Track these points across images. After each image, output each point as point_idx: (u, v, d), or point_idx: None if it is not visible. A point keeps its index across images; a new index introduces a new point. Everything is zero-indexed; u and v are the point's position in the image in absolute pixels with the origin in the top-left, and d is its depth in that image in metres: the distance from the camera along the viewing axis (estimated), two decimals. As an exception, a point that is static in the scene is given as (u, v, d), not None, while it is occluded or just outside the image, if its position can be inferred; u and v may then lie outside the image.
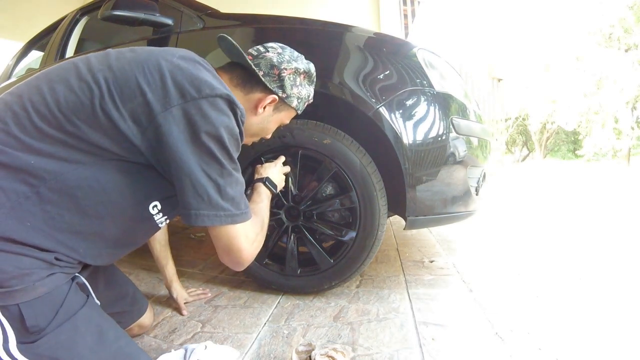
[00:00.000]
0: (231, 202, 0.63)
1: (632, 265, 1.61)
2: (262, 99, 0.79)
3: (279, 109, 0.84)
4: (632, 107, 15.63)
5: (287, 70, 0.79)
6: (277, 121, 0.87)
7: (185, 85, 0.60)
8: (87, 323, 0.62)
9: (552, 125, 20.78)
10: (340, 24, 1.20)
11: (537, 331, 0.99)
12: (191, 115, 0.59)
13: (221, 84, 0.64)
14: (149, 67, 0.61)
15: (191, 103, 0.59)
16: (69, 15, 1.98)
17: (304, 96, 0.86)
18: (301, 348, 0.87)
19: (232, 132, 0.63)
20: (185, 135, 0.59)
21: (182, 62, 0.63)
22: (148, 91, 0.59)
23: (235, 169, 0.65)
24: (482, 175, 1.43)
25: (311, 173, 1.18)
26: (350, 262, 1.17)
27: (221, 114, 0.61)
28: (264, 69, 0.78)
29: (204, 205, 0.61)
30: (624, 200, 4.07)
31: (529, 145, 25.27)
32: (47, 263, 0.59)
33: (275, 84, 0.79)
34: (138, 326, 0.95)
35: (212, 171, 0.61)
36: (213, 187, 0.61)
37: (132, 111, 0.58)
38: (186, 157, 0.59)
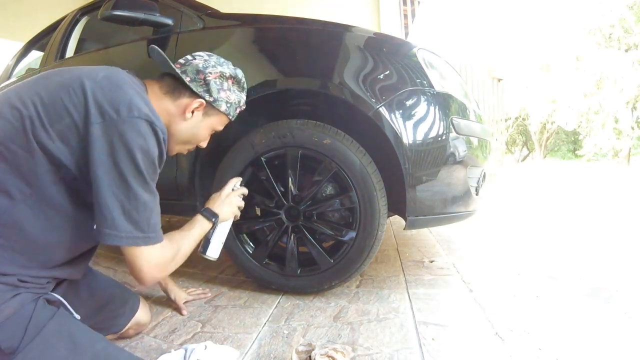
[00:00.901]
0: (134, 224, 0.64)
1: (632, 265, 1.61)
2: (189, 103, 0.80)
3: (208, 113, 0.84)
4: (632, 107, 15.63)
5: (213, 74, 0.81)
6: (208, 127, 0.86)
7: (104, 105, 0.62)
8: (58, 334, 0.63)
9: (552, 125, 20.78)
10: (340, 24, 1.20)
11: (537, 331, 0.99)
12: (108, 136, 0.61)
13: (144, 103, 0.65)
14: (74, 88, 0.63)
15: (109, 123, 0.61)
16: (69, 15, 1.98)
17: (233, 101, 0.87)
18: (301, 348, 0.87)
19: (147, 154, 0.64)
20: (102, 155, 0.61)
21: (105, 82, 0.65)
22: (73, 111, 0.61)
23: (147, 191, 0.66)
24: (482, 175, 1.43)
25: (311, 173, 1.18)
26: (350, 262, 1.17)
27: (138, 135, 0.63)
28: (190, 74, 0.79)
29: (106, 224, 0.63)
30: (623, 200, 4.07)
31: (529, 145, 25.27)
32: (10, 286, 0.61)
33: (201, 88, 0.80)
34: (135, 324, 0.95)
35: (120, 193, 0.63)
36: (118, 208, 0.63)
37: (60, 132, 0.61)
38: (100, 177, 0.61)
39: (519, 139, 26.20)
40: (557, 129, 21.47)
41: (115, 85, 0.65)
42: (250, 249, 1.27)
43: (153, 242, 0.68)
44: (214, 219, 0.92)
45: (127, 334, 0.95)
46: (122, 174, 0.62)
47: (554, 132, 21.92)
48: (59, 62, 1.83)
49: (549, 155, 23.78)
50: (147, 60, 1.40)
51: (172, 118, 0.79)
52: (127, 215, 0.63)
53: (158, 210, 0.70)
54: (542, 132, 21.87)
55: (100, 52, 1.64)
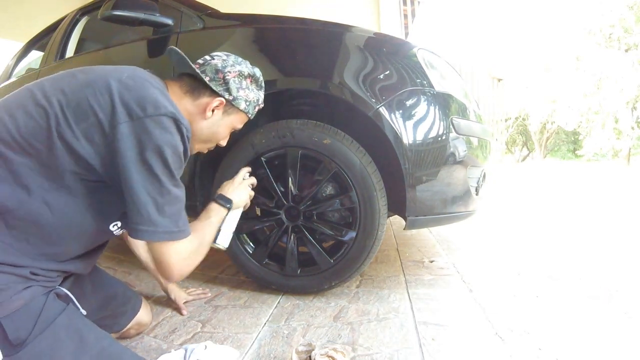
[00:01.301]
0: (169, 219, 0.66)
1: (632, 265, 1.61)
2: (209, 102, 0.80)
3: (227, 112, 0.84)
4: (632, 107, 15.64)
5: (232, 73, 0.82)
6: (228, 125, 0.87)
7: (131, 104, 0.63)
8: (67, 328, 0.64)
9: (552, 125, 20.79)
10: (340, 24, 1.20)
11: (537, 331, 0.99)
12: (136, 134, 0.62)
13: (168, 101, 0.66)
14: (99, 87, 0.63)
15: (137, 122, 0.62)
16: (69, 15, 1.98)
17: (252, 99, 0.87)
18: (301, 348, 0.87)
19: (175, 149, 0.66)
20: (131, 153, 0.62)
21: (130, 81, 0.66)
22: (99, 111, 0.62)
23: (175, 186, 0.68)
24: (482, 175, 1.43)
25: (311, 173, 1.18)
26: (350, 262, 1.17)
27: (165, 132, 0.64)
28: (209, 74, 0.80)
29: (143, 220, 0.64)
30: (623, 200, 4.07)
31: (529, 145, 25.28)
32: (23, 277, 0.62)
33: (221, 87, 0.81)
34: (137, 324, 0.95)
35: (153, 189, 0.64)
36: (152, 204, 0.64)
37: (85, 131, 0.61)
38: (130, 174, 0.62)
39: (519, 139, 26.22)
40: (557, 129, 21.48)
41: (140, 84, 0.66)
42: (250, 249, 1.27)
43: (185, 235, 0.70)
44: (228, 205, 0.92)
45: (128, 334, 0.95)
46: (152, 170, 0.63)
47: (554, 132, 21.93)
48: (59, 62, 1.83)
49: (549, 155, 23.80)
50: (146, 61, 1.40)
51: (193, 117, 0.80)
52: (161, 210, 0.65)
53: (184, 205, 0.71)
54: (542, 132, 21.88)
55: (100, 52, 1.64)
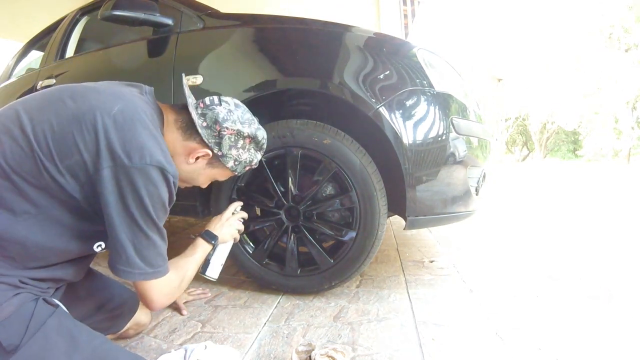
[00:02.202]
0: (145, 261, 0.68)
1: (632, 265, 1.61)
2: (196, 149, 0.78)
3: (212, 164, 0.83)
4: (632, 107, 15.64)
5: (229, 130, 0.79)
6: (209, 176, 0.86)
7: (116, 149, 0.62)
8: (58, 330, 0.64)
9: (552, 125, 20.80)
10: (340, 24, 1.20)
11: (537, 331, 0.99)
12: (118, 181, 0.62)
13: (156, 147, 0.65)
14: (86, 123, 0.62)
15: (121, 169, 0.62)
16: (69, 15, 1.98)
17: (244, 160, 0.85)
18: (301, 348, 0.87)
19: (159, 199, 0.66)
20: (113, 199, 0.62)
21: (120, 118, 0.64)
22: (84, 150, 0.61)
23: (156, 232, 0.69)
24: (482, 175, 1.43)
25: (311, 173, 1.18)
26: (350, 262, 1.17)
27: (149, 183, 0.64)
28: (208, 121, 0.78)
29: (121, 261, 0.67)
30: (624, 199, 4.07)
31: (529, 145, 25.29)
32: (12, 286, 0.62)
33: (213, 139, 0.78)
34: (135, 324, 0.95)
35: (132, 234, 0.65)
36: (131, 248, 0.66)
37: (69, 168, 0.61)
38: (113, 218, 0.63)
39: (519, 139, 26.23)
40: (557, 129, 21.49)
41: (129, 124, 0.64)
42: (250, 249, 1.27)
43: (162, 274, 0.71)
44: (213, 241, 0.95)
45: (127, 334, 0.95)
46: (132, 217, 0.64)
47: (554, 132, 21.93)
48: (59, 62, 1.83)
49: (549, 155, 23.80)
50: (146, 60, 1.40)
51: (177, 155, 0.78)
52: (138, 253, 0.67)
53: (165, 245, 0.72)
54: (542, 132, 21.89)
55: (100, 52, 1.64)
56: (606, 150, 17.15)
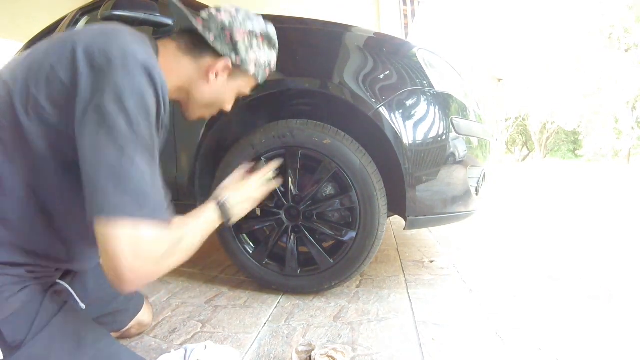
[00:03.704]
0: (130, 196, 0.50)
1: (632, 265, 1.61)
2: (213, 64, 0.71)
3: (234, 76, 0.75)
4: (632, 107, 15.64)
5: (241, 31, 0.71)
6: (234, 90, 0.78)
7: (94, 54, 0.53)
8: (63, 329, 0.62)
9: (552, 125, 20.81)
10: (340, 24, 1.20)
11: (537, 331, 0.99)
12: (97, 87, 0.51)
13: (142, 51, 0.56)
14: (62, 47, 0.56)
15: (99, 74, 0.52)
16: (69, 15, 1.98)
17: (263, 62, 0.77)
18: (301, 348, 0.87)
19: (143, 106, 0.53)
20: (88, 111, 0.51)
21: (98, 33, 0.57)
22: (61, 71, 0.54)
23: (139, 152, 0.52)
24: (482, 175, 1.43)
25: (311, 173, 1.18)
26: (350, 262, 1.17)
27: (132, 85, 0.52)
28: (214, 31, 0.70)
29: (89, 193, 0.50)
30: (624, 199, 4.07)
31: (529, 145, 25.30)
32: (19, 277, 0.59)
33: (227, 47, 0.70)
34: (137, 324, 0.95)
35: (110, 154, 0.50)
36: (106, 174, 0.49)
37: (51, 98, 0.54)
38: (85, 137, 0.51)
39: (519, 139, 26.25)
40: (557, 129, 21.51)
41: (109, 35, 0.56)
42: (250, 249, 1.27)
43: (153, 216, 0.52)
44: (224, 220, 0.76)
45: (128, 334, 0.95)
46: (111, 130, 0.50)
47: (554, 132, 21.95)
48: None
49: (549, 155, 23.82)
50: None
51: (193, 80, 0.72)
52: (117, 182, 0.49)
53: (157, 179, 0.55)
54: (542, 132, 21.90)
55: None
56: (606, 150, 17.16)
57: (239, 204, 0.80)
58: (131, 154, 0.51)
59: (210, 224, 0.71)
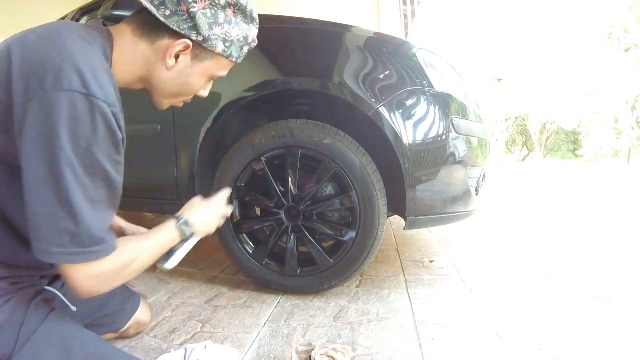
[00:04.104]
0: (70, 237, 0.50)
1: (632, 265, 1.61)
2: (170, 45, 0.61)
3: (199, 57, 0.64)
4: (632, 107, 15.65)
5: (199, 3, 0.59)
6: (203, 74, 0.67)
7: (29, 77, 0.49)
8: (50, 338, 0.60)
9: (552, 125, 20.81)
10: (340, 24, 1.20)
11: (537, 331, 0.99)
12: (32, 117, 0.48)
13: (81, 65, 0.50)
14: (1, 63, 0.51)
15: (32, 102, 0.48)
16: (69, 15, 1.98)
17: (236, 37, 0.66)
18: (301, 348, 0.87)
19: (84, 138, 0.50)
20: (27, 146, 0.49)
21: (35, 44, 0.51)
22: (2, 93, 0.50)
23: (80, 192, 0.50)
24: (482, 175, 1.43)
25: (311, 173, 1.18)
26: (350, 262, 1.17)
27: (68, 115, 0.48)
28: (170, 6, 0.59)
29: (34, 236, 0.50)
30: (624, 200, 4.07)
31: (529, 145, 25.30)
32: (2, 291, 0.58)
33: (185, 24, 0.60)
34: (136, 324, 0.94)
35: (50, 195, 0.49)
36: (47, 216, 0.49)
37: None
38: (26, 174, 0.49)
39: (519, 139, 26.25)
40: (557, 129, 21.51)
41: (47, 43, 0.51)
42: (250, 249, 1.27)
43: (98, 256, 0.53)
44: (188, 235, 0.73)
45: (127, 334, 0.95)
46: (51, 169, 0.48)
47: (554, 132, 21.95)
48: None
49: (549, 155, 23.82)
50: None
51: (152, 66, 0.63)
52: (58, 224, 0.49)
53: (103, 215, 0.55)
54: (542, 132, 21.90)
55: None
56: (606, 150, 17.16)
57: (204, 219, 0.79)
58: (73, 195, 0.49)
59: (167, 243, 0.70)
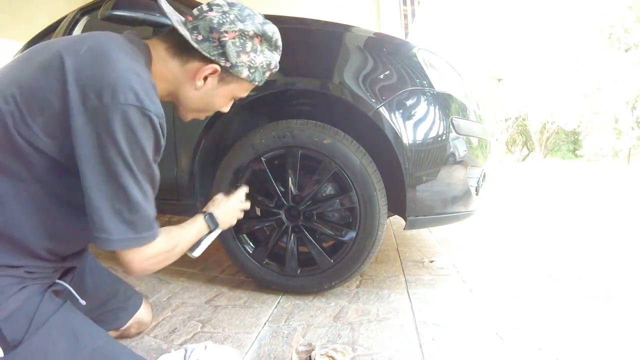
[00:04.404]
0: (127, 225, 0.59)
1: (632, 265, 1.61)
2: (200, 69, 0.67)
3: (224, 80, 0.71)
4: (632, 107, 15.64)
5: (230, 33, 0.65)
6: (227, 95, 0.74)
7: (86, 89, 0.54)
8: (61, 327, 0.62)
9: (552, 125, 20.81)
10: (340, 24, 1.20)
11: (537, 331, 0.99)
12: (92, 127, 0.54)
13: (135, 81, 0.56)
14: (53, 70, 0.56)
15: (91, 113, 0.54)
16: (69, 15, 1.97)
17: (260, 64, 0.72)
18: (301, 348, 0.87)
19: (138, 146, 0.57)
20: (86, 150, 0.55)
21: (89, 57, 0.56)
22: (54, 100, 0.55)
23: (138, 187, 0.59)
24: (482, 175, 1.43)
25: (311, 173, 1.18)
26: (350, 262, 1.17)
27: (125, 125, 0.55)
28: (202, 32, 0.65)
29: (96, 227, 0.57)
30: (623, 200, 4.07)
31: (529, 145, 25.29)
32: (18, 278, 0.61)
33: (215, 51, 0.66)
34: (137, 323, 0.95)
35: (109, 191, 0.56)
36: (108, 209, 0.57)
37: (44, 125, 0.55)
38: (86, 175, 0.55)
39: (519, 139, 26.24)
40: (557, 129, 21.50)
41: (100, 59, 0.56)
42: (250, 249, 1.27)
43: (148, 241, 0.63)
44: (213, 227, 0.88)
45: (128, 333, 0.95)
46: (109, 169, 0.56)
47: (554, 132, 21.94)
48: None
49: (549, 155, 23.81)
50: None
51: (181, 84, 0.69)
52: (118, 215, 0.58)
53: (152, 206, 0.63)
54: (542, 132, 21.89)
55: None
56: (606, 150, 17.16)
57: (226, 213, 0.93)
58: (130, 189, 0.58)
59: (198, 233, 0.85)
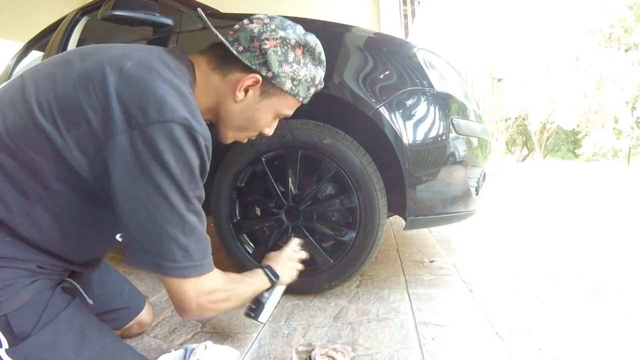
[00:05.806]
0: (182, 250, 0.55)
1: (632, 265, 1.61)
2: (240, 79, 0.65)
3: (267, 92, 0.67)
4: (632, 107, 15.64)
5: (270, 41, 0.63)
6: (269, 110, 0.70)
7: (131, 107, 0.51)
8: (70, 324, 0.62)
9: (552, 125, 20.81)
10: (340, 24, 1.20)
11: (537, 331, 0.99)
12: (136, 146, 0.51)
13: (179, 100, 0.54)
14: (94, 84, 0.53)
15: (136, 131, 0.51)
16: (69, 15, 1.98)
17: (304, 77, 0.68)
18: (301, 348, 0.87)
19: (186, 166, 0.54)
20: (131, 169, 0.52)
21: (133, 72, 0.54)
22: (92, 116, 0.52)
23: (190, 210, 0.56)
24: (482, 175, 1.43)
25: (311, 173, 1.18)
26: (350, 262, 1.17)
27: (172, 144, 0.52)
28: (243, 42, 0.63)
29: (144, 249, 0.55)
30: (623, 200, 4.07)
31: (529, 145, 25.28)
32: (30, 271, 0.60)
33: (256, 60, 0.63)
34: (138, 324, 0.95)
35: (159, 214, 0.53)
36: (160, 232, 0.54)
37: (78, 140, 0.53)
38: (131, 194, 0.52)
39: (519, 139, 26.23)
40: (557, 129, 21.50)
41: (144, 77, 0.54)
42: (250, 249, 1.27)
43: (206, 270, 0.59)
44: (275, 280, 0.87)
45: (129, 333, 0.95)
46: (159, 190, 0.52)
47: (554, 132, 21.94)
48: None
49: (549, 155, 23.81)
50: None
51: (222, 98, 0.66)
52: (171, 240, 0.54)
53: (206, 234, 0.60)
54: (542, 132, 21.90)
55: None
56: (606, 150, 17.15)
57: (284, 265, 0.94)
58: (184, 214, 0.55)
59: (259, 288, 0.84)
